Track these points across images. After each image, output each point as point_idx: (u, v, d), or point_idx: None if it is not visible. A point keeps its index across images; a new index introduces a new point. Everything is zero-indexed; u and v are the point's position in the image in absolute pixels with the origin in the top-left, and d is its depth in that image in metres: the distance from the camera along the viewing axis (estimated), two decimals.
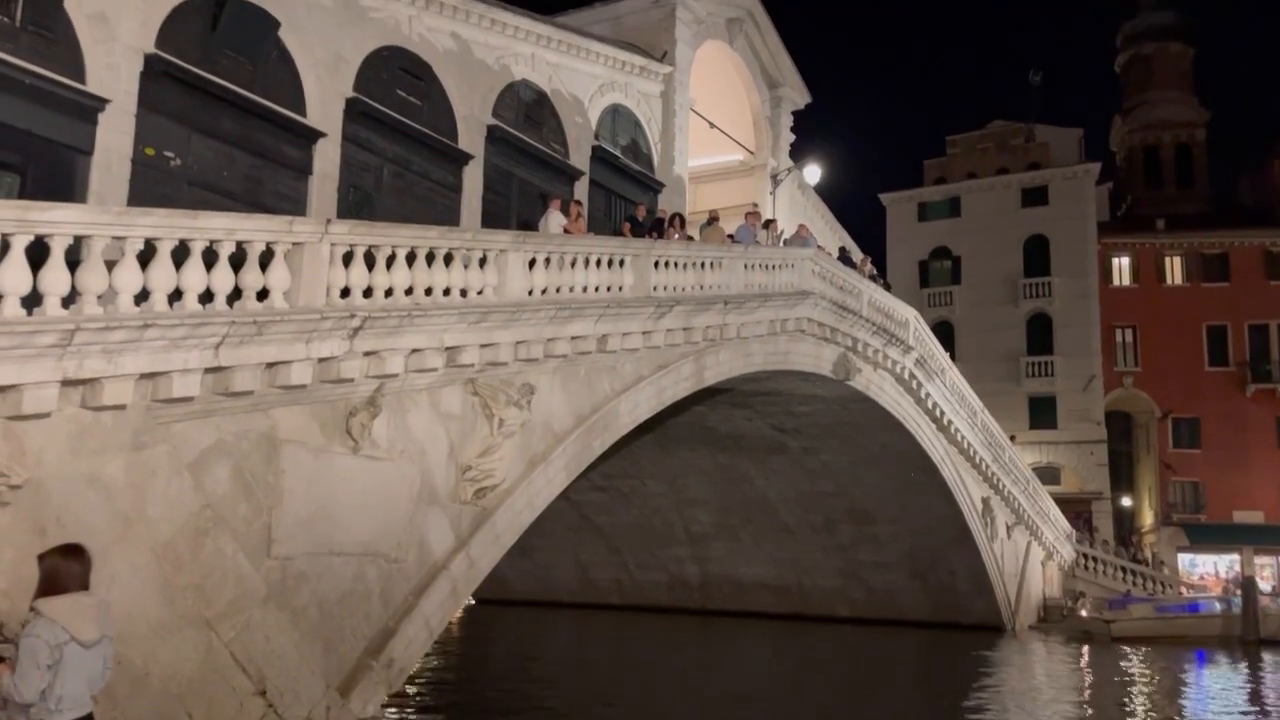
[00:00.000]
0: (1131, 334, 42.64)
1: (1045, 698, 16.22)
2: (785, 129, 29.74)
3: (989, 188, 45.41)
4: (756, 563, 28.22)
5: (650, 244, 14.69)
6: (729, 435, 23.50)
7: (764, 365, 17.46)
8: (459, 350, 10.73)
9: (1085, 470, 41.37)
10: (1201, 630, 28.28)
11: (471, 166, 17.97)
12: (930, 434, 23.98)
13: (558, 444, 12.25)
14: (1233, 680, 20.12)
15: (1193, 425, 41.18)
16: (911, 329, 22.91)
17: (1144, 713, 14.83)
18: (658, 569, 29.59)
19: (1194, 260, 42.55)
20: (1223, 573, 39.14)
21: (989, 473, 27.32)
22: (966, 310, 44.20)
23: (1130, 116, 52.71)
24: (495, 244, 11.39)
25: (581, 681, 16.03)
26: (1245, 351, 41.16)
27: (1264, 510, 39.79)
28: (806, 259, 18.43)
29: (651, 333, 13.94)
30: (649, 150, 23.70)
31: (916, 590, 27.46)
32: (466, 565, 10.91)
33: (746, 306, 16.20)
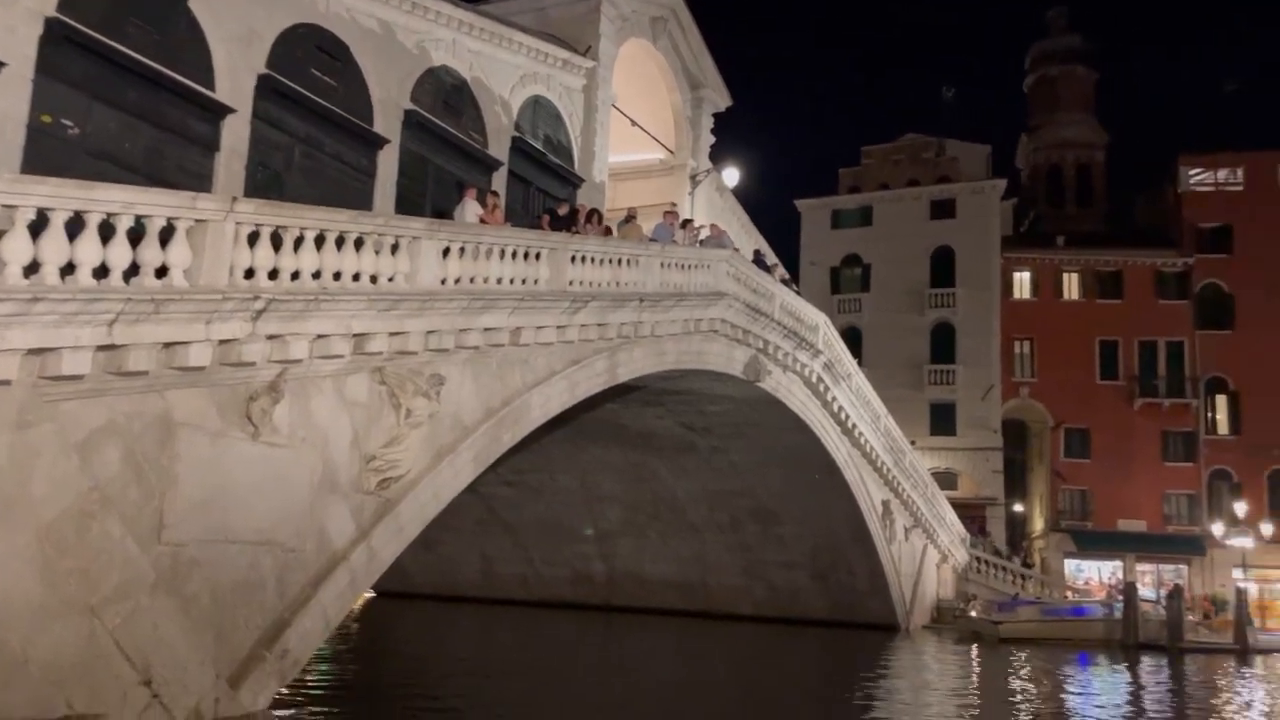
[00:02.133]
0: (1029, 346, 44.15)
1: (933, 695, 16.70)
2: (706, 130, 29.96)
3: (900, 199, 46.54)
4: (663, 560, 28.38)
5: (567, 238, 14.64)
6: (640, 433, 23.58)
7: (677, 364, 17.58)
8: (367, 338, 10.54)
9: (981, 476, 42.71)
10: (1084, 633, 29.46)
11: (387, 151, 17.65)
12: (835, 437, 24.46)
13: (466, 436, 12.13)
14: (1112, 681, 21.01)
15: (1083, 436, 42.84)
16: (821, 333, 23.33)
17: (1026, 711, 15.38)
18: (563, 565, 29.53)
19: (1090, 277, 44.26)
20: (1106, 578, 40.82)
21: (890, 476, 28.00)
22: (874, 317, 45.19)
23: (1036, 135, 54.56)
24: (408, 231, 11.21)
25: (482, 677, 15.89)
26: (1135, 366, 42.98)
27: (1146, 520, 41.62)
28: (722, 260, 18.60)
29: (566, 327, 13.91)
30: (569, 144, 23.62)
31: (817, 590, 27.97)
32: (367, 556, 10.72)
33: (662, 305, 16.28)
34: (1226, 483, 41.17)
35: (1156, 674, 22.72)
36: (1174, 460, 41.96)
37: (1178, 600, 30.80)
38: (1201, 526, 40.67)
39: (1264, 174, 43.42)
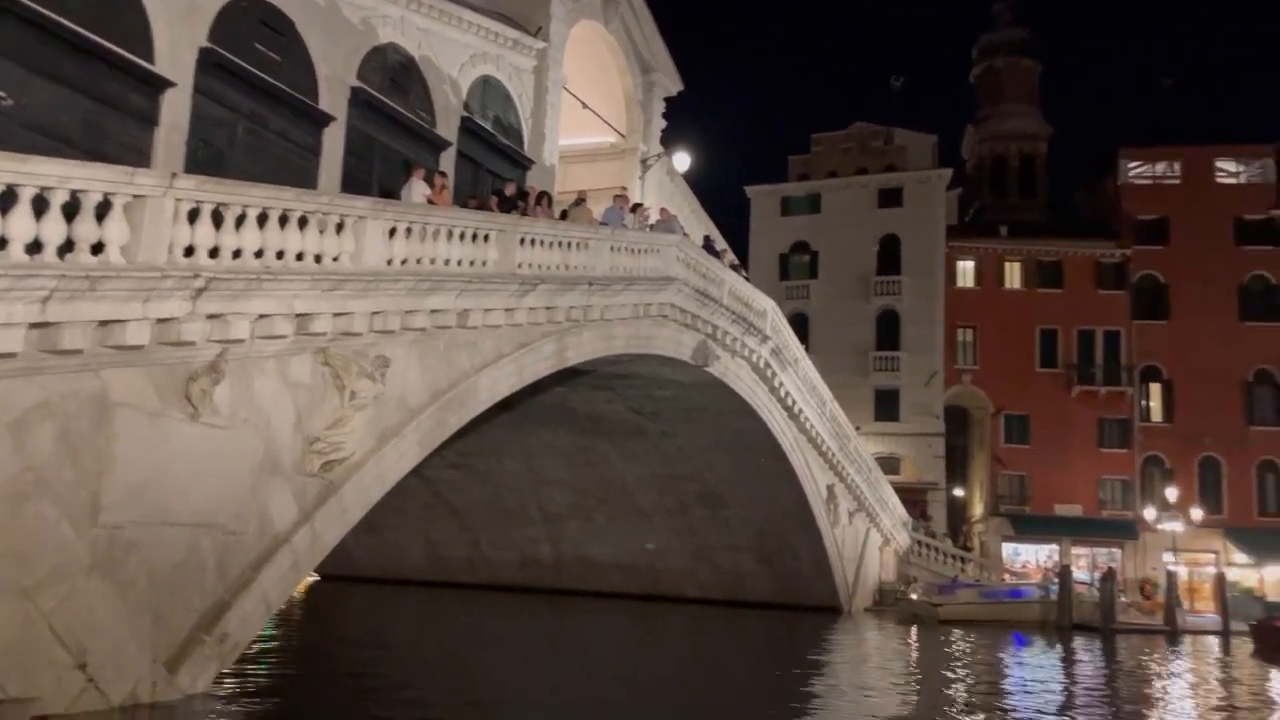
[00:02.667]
0: (972, 334, 44.93)
1: (873, 675, 17.01)
2: (657, 115, 29.93)
3: (848, 186, 46.98)
4: (610, 543, 28.48)
5: (516, 220, 14.57)
6: (589, 417, 23.60)
7: (626, 348, 17.60)
8: (310, 318, 10.41)
9: (923, 461, 43.44)
10: (1021, 615, 30.20)
11: (332, 129, 17.37)
12: (782, 422, 24.70)
13: (412, 418, 12.05)
14: (1045, 661, 21.56)
15: (1023, 422, 43.77)
16: (769, 319, 23.52)
17: (962, 689, 15.73)
18: (511, 548, 29.49)
19: (1031, 266, 45.12)
20: (1042, 562, 41.82)
21: (835, 461, 28.36)
22: (822, 304, 45.65)
23: (981, 126, 55.38)
24: (354, 210, 11.08)
25: (428, 659, 15.85)
26: (1073, 354, 43.96)
27: (1082, 504, 42.69)
28: (672, 245, 18.65)
29: (514, 310, 13.86)
30: (519, 126, 23.44)
31: (762, 573, 28.29)
32: (310, 539, 10.62)
33: (611, 289, 16.29)
34: (1159, 469, 42.37)
35: (1088, 654, 23.35)
36: (1109, 447, 43.05)
37: (1110, 583, 31.68)
38: (1135, 511, 41.82)
39: (1200, 168, 44.57)
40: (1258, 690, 18.52)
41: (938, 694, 14.94)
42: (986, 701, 14.25)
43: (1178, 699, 16.63)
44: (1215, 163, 44.73)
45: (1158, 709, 15.19)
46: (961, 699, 14.54)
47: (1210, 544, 40.71)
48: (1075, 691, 16.49)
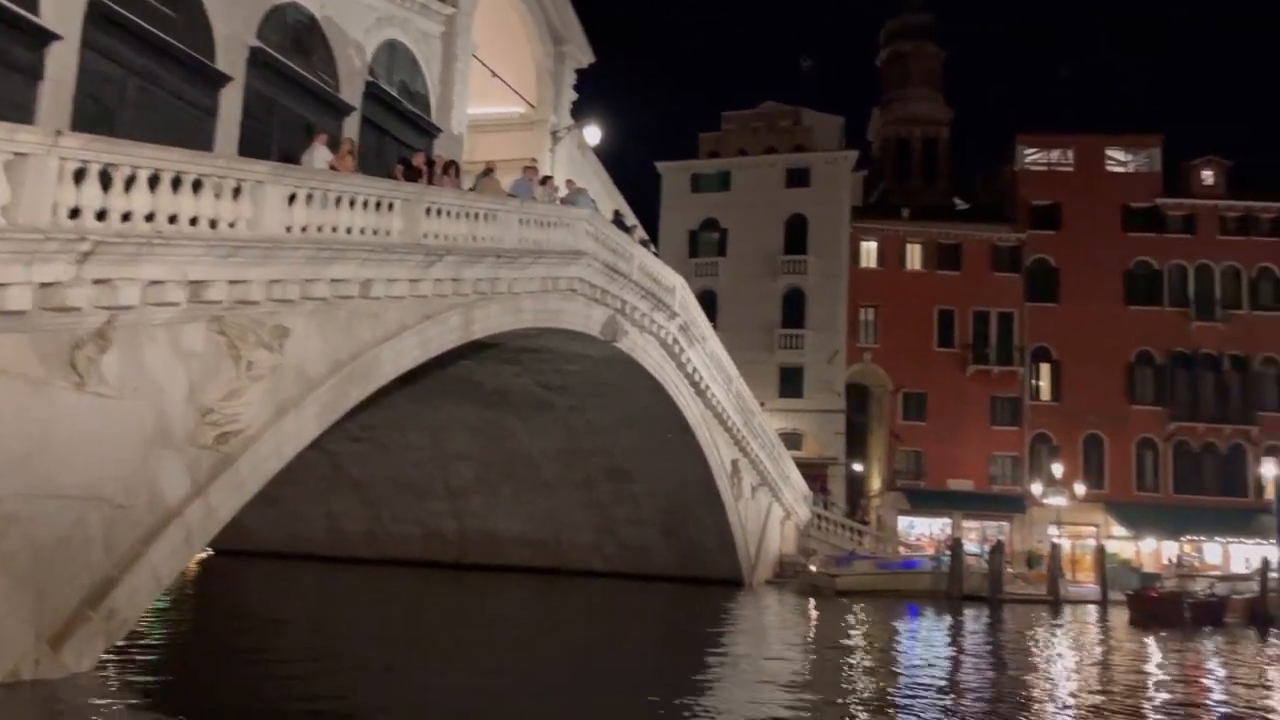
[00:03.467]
0: (874, 313, 45.97)
1: (772, 645, 17.42)
2: (568, 86, 29.69)
3: (757, 165, 47.42)
4: (516, 518, 28.41)
5: (423, 189, 14.32)
6: (495, 390, 23.43)
7: (534, 322, 17.50)
8: (205, 285, 10.08)
9: (825, 437, 44.41)
10: (914, 585, 31.22)
11: (230, 90, 16.76)
12: (689, 397, 24.94)
13: (311, 390, 11.78)
14: (936, 629, 22.37)
15: (920, 400, 45.06)
16: (678, 296, 23.66)
17: (856, 655, 16.23)
18: (414, 522, 29.18)
19: (932, 249, 46.32)
20: (936, 534, 43.28)
21: (740, 436, 28.78)
22: (730, 281, 46.10)
23: (887, 110, 56.44)
24: (251, 174, 10.73)
25: (324, 635, 15.62)
26: (969, 335, 45.36)
27: (974, 479, 44.25)
28: (581, 219, 18.58)
29: (419, 281, 13.63)
30: (426, 93, 22.99)
31: (666, 546, 28.60)
32: (204, 513, 10.33)
33: (520, 262, 16.15)
34: (1046, 445, 44.15)
35: (977, 623, 24.31)
36: (1001, 424, 44.65)
37: (999, 555, 32.99)
38: (1023, 486, 43.51)
39: (1092, 156, 46.29)
40: (1132, 655, 19.57)
41: (833, 662, 15.38)
42: (879, 668, 14.73)
43: (1058, 663, 17.47)
44: (1106, 151, 46.51)
45: (1040, 673, 15.92)
46: (856, 666, 14.99)
47: (1092, 518, 42.67)
48: (963, 658, 17.17)
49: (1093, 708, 12.12)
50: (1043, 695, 13.28)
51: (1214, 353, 44.04)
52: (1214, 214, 45.01)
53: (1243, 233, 44.67)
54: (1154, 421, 43.88)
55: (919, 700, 11.62)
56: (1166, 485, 43.47)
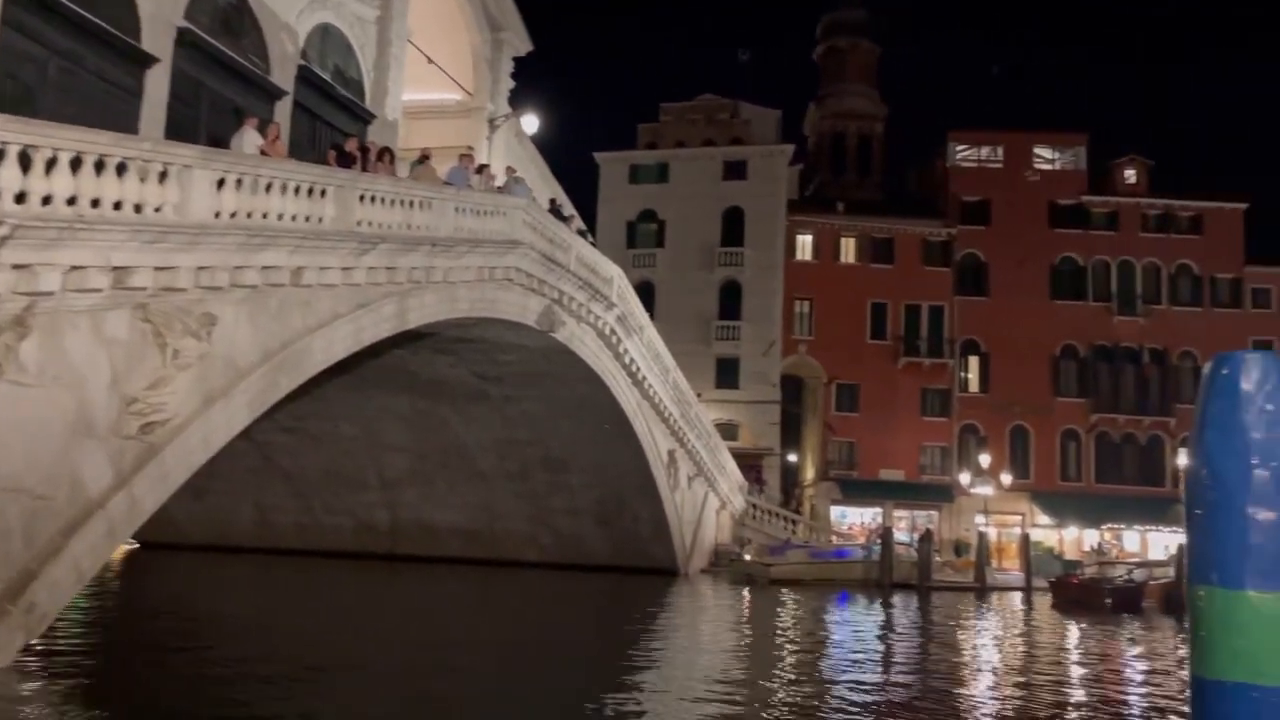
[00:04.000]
0: (809, 305, 46.55)
1: (705, 633, 17.60)
2: (505, 74, 29.48)
3: (695, 158, 47.60)
4: (450, 508, 28.23)
5: (356, 176, 14.13)
6: (430, 380, 23.23)
7: (470, 312, 17.39)
8: (129, 272, 9.82)
9: (760, 428, 44.87)
10: (846, 574, 31.74)
11: (156, 71, 16.32)
12: (626, 388, 25.00)
13: (241, 379, 11.57)
14: (866, 616, 22.80)
15: (853, 391, 45.77)
16: (615, 286, 23.68)
17: (788, 642, 16.48)
18: (346, 514, 28.82)
19: (865, 242, 47.04)
20: (867, 523, 44.05)
21: (676, 427, 28.95)
22: (667, 273, 46.26)
23: (822, 104, 57.06)
24: (179, 158, 10.48)
25: (251, 628, 15.37)
26: (901, 327, 46.20)
27: (904, 469, 45.12)
28: (519, 208, 18.49)
29: (353, 269, 13.45)
30: (360, 78, 22.65)
31: (602, 536, 28.67)
32: (128, 505, 10.09)
33: (455, 251, 16.02)
34: (974, 436, 45.19)
35: (906, 610, 24.82)
36: (931, 415, 45.59)
37: (928, 543, 33.70)
38: (951, 476, 44.48)
39: (1020, 154, 47.39)
40: (1054, 638, 20.19)
41: (766, 650, 15.60)
42: (810, 655, 14.98)
43: (984, 647, 17.94)
44: (1033, 149, 47.64)
45: (965, 658, 16.33)
46: (788, 653, 15.22)
47: (1018, 507, 43.83)
48: (892, 645, 17.54)
49: (1015, 690, 12.50)
50: (968, 679, 13.64)
51: (1134, 347, 45.49)
52: (1136, 212, 46.42)
53: (1163, 230, 46.16)
54: (1077, 413, 45.17)
55: (848, 687, 11.85)
56: (1088, 475, 44.82)
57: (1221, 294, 45.74)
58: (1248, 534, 2.70)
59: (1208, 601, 2.75)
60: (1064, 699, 12.09)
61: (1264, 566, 2.70)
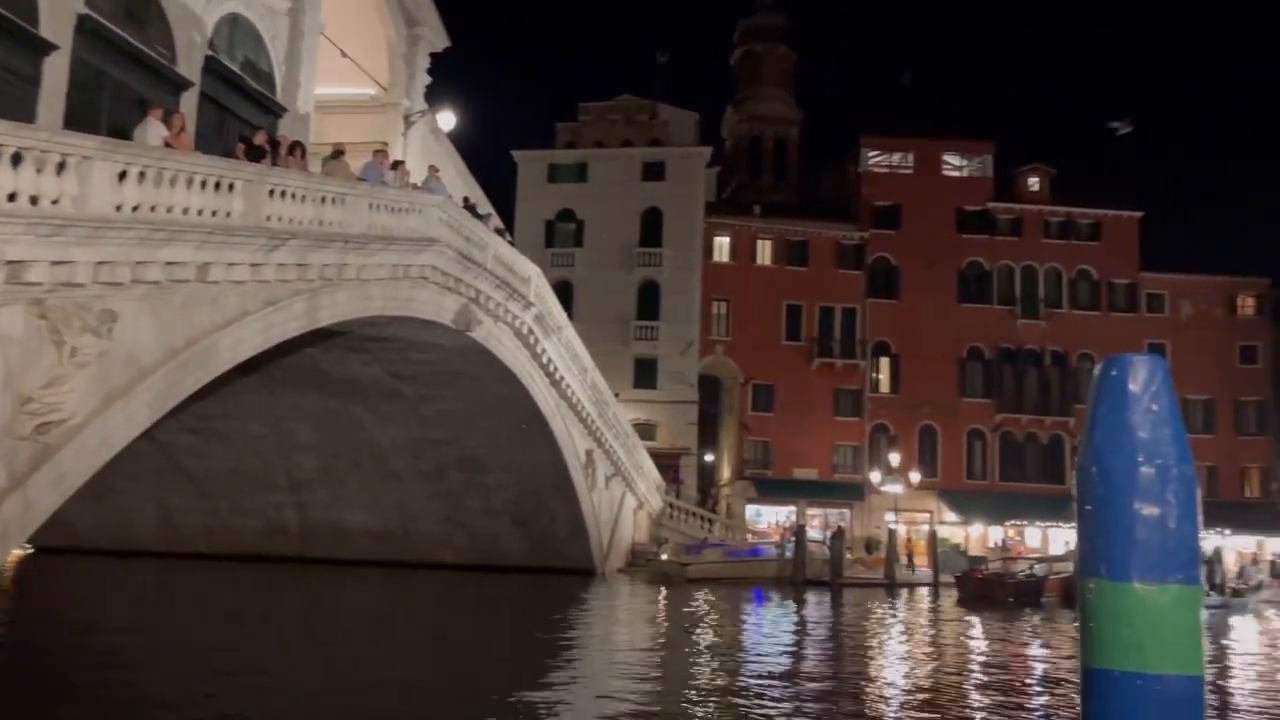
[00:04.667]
0: (726, 306, 47.02)
1: (621, 631, 17.66)
2: (422, 70, 29.11)
3: (614, 158, 47.66)
4: (362, 509, 27.77)
5: (266, 170, 13.80)
6: (342, 380, 22.82)
7: (384, 310, 17.13)
8: (24, 266, 9.45)
9: (678, 428, 45.16)
10: (760, 572, 32.19)
11: (55, 58, 15.69)
12: (544, 388, 24.92)
13: (143, 378, 11.21)
14: (779, 613, 23.13)
15: (769, 391, 46.39)
16: (533, 286, 23.59)
17: (704, 640, 16.63)
18: (254, 516, 28.12)
19: (781, 245, 47.72)
20: (782, 522, 44.68)
21: (594, 427, 28.96)
22: (586, 272, 46.22)
23: (740, 108, 57.69)
24: (78, 149, 10.11)
25: (149, 634, 14.88)
26: (815, 329, 46.98)
27: (818, 468, 45.90)
28: (435, 206, 18.28)
29: (262, 266, 13.14)
30: (271, 71, 22.11)
31: (518, 536, 28.53)
32: (21, 507, 9.69)
33: (369, 248, 15.77)
34: (885, 435, 46.20)
35: (818, 606, 25.26)
36: (843, 415, 46.46)
37: (839, 541, 34.36)
38: (863, 474, 45.40)
39: (929, 160, 48.64)
40: (958, 632, 20.78)
41: (680, 647, 15.71)
42: (724, 652, 15.14)
43: (892, 641, 18.37)
44: (943, 156, 48.95)
45: (874, 651, 16.70)
46: (702, 651, 15.36)
47: (926, 504, 44.94)
48: (804, 640, 17.84)
49: (921, 681, 12.83)
50: (876, 672, 13.96)
51: (1037, 349, 47.06)
52: (1039, 219, 48.04)
53: (1064, 237, 47.85)
54: (983, 413, 46.54)
55: (761, 681, 12.02)
56: (993, 473, 46.22)
57: (1118, 299, 47.64)
58: (1134, 529, 2.83)
59: (1096, 594, 2.87)
60: (966, 689, 12.46)
61: (1149, 560, 2.82)
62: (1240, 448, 46.58)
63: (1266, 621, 27.91)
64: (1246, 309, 48.26)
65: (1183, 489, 2.82)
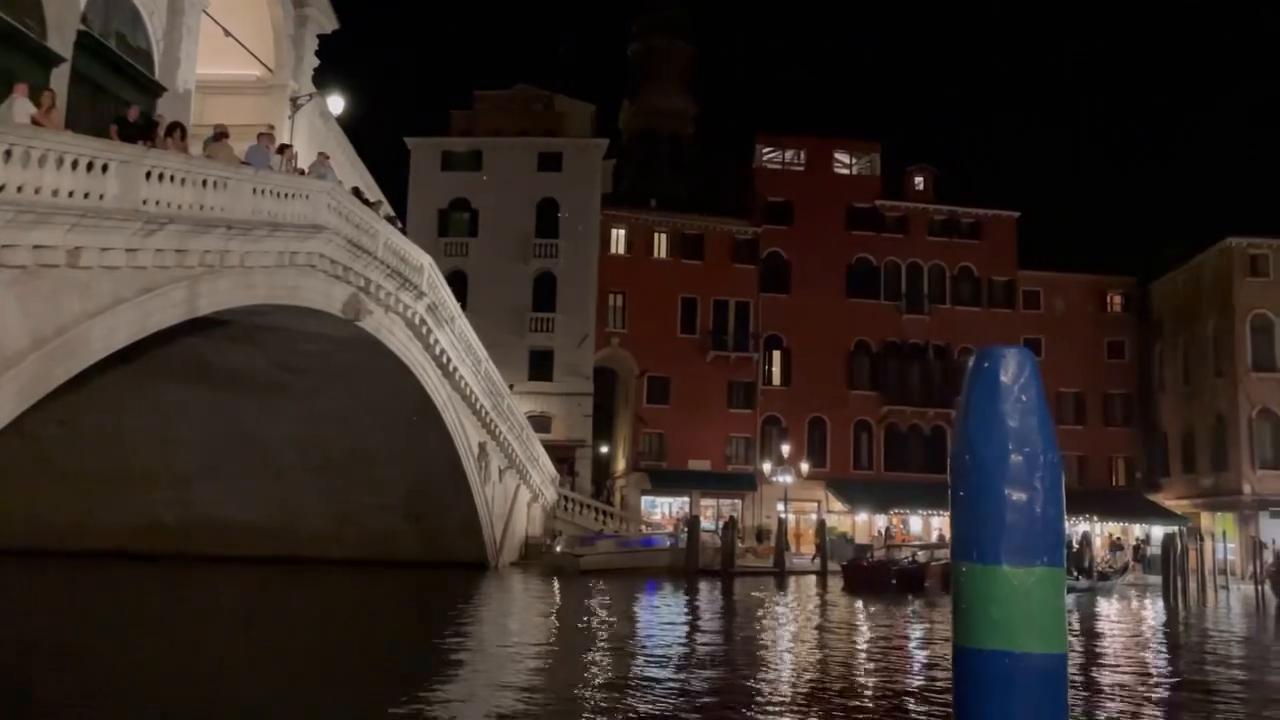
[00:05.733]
0: (622, 299, 47.18)
1: (513, 625, 17.58)
2: (309, 52, 28.29)
3: (510, 147, 47.21)
4: (246, 505, 26.92)
5: (143, 151, 13.24)
6: (226, 371, 22.07)
7: (269, 298, 16.65)
8: None
9: (573, 420, 45.15)
10: (654, 562, 32.46)
11: None
12: (436, 380, 24.58)
13: (8, 368, 10.66)
14: (672, 603, 23.38)
15: (664, 384, 46.77)
16: (426, 275, 23.23)
17: (595, 631, 16.69)
18: (130, 512, 26.95)
19: (677, 239, 48.12)
20: (676, 513, 45.16)
21: (488, 419, 28.71)
22: (481, 262, 45.70)
23: (637, 101, 57.92)
24: None
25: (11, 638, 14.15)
26: (710, 322, 47.57)
27: (711, 460, 46.52)
28: (323, 192, 17.84)
29: (138, 251, 12.63)
30: (149, 47, 21.18)
31: (410, 531, 28.10)
32: None
33: (253, 234, 15.30)
34: (776, 427, 47.12)
35: (710, 595, 25.62)
36: (737, 407, 47.19)
37: (731, 531, 34.92)
38: (755, 465, 46.22)
39: (821, 157, 49.72)
40: (844, 617, 21.37)
41: (572, 639, 15.73)
42: (616, 642, 15.22)
43: (780, 627, 18.78)
44: (833, 154, 50.09)
45: (763, 636, 17.03)
46: (594, 642, 15.41)
47: (815, 494, 46.03)
48: (696, 627, 18.08)
49: (807, 665, 13.16)
50: (765, 657, 14.24)
51: (921, 343, 48.65)
52: (924, 217, 49.63)
53: (947, 235, 49.56)
54: (869, 405, 47.88)
55: (652, 670, 12.13)
56: (879, 463, 47.63)
57: (997, 295, 49.57)
58: (1004, 514, 2.95)
59: (968, 577, 2.99)
60: (850, 672, 12.83)
61: (1018, 544, 2.95)
62: (1108, 438, 49.12)
63: (1129, 602, 29.53)
64: (1115, 306, 50.87)
65: (1049, 475, 2.95)
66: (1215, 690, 12.54)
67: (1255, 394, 43.64)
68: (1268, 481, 43.15)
